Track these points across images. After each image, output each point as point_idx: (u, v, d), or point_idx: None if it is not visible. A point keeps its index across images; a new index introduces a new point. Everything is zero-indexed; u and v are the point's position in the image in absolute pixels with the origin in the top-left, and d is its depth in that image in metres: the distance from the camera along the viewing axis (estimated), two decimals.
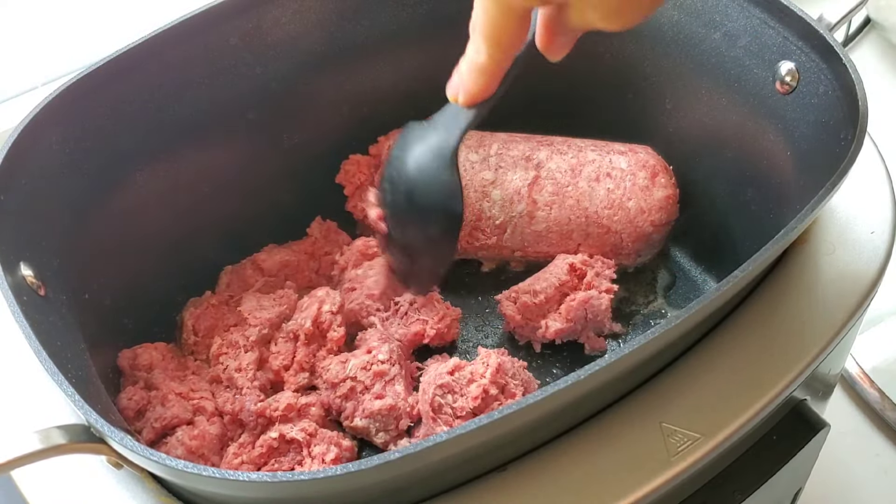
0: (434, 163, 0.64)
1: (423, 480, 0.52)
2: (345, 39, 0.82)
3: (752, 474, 0.61)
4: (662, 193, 0.78)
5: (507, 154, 0.80)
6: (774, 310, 0.61)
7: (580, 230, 0.78)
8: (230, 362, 0.71)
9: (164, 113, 0.73)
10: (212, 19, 0.73)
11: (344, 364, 0.70)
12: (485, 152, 0.81)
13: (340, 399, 0.70)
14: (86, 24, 1.02)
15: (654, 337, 0.51)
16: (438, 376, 0.68)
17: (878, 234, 0.66)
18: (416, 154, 0.65)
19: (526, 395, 0.61)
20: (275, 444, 0.67)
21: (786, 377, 0.58)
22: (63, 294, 0.62)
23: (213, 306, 0.76)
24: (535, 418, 0.50)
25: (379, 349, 0.71)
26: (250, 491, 0.50)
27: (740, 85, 0.74)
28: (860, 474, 0.98)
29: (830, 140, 0.63)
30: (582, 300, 0.74)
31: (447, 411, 0.67)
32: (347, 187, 0.85)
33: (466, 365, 0.69)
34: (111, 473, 0.55)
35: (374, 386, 0.69)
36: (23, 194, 0.62)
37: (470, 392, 0.67)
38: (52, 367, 0.51)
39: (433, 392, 0.67)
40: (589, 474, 0.53)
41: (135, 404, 0.67)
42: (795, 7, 0.68)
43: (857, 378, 1.01)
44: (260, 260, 0.80)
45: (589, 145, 0.81)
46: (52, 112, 0.65)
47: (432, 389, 0.68)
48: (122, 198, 0.72)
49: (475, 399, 0.66)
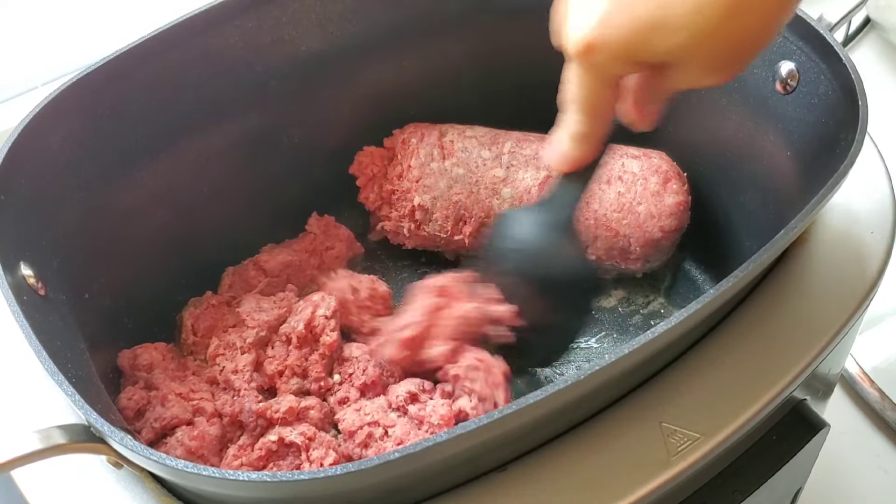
0: (564, 250, 0.66)
1: (423, 480, 0.52)
2: (345, 39, 0.82)
3: (752, 474, 0.61)
4: (673, 199, 0.77)
5: (520, 153, 0.80)
6: (774, 310, 0.61)
7: (588, 232, 0.78)
8: (227, 364, 0.71)
9: (164, 113, 0.73)
10: (212, 19, 0.73)
11: (359, 411, 0.70)
12: (497, 150, 0.81)
13: (360, 448, 0.68)
14: (86, 24, 1.02)
15: (654, 337, 0.51)
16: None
17: (878, 234, 0.66)
18: (541, 235, 0.66)
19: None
20: (273, 448, 0.66)
21: (786, 377, 0.58)
22: (63, 294, 0.62)
23: (213, 306, 0.76)
24: (535, 418, 0.50)
25: (396, 390, 0.70)
26: (250, 491, 0.50)
27: (740, 85, 0.74)
28: (860, 474, 0.98)
29: (830, 140, 0.63)
30: (457, 315, 0.71)
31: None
32: (360, 178, 0.85)
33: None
34: (111, 473, 0.55)
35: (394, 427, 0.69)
36: (23, 194, 0.62)
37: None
38: (52, 367, 0.51)
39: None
40: (589, 474, 0.53)
41: (134, 404, 0.67)
42: None
43: (857, 378, 1.01)
44: (262, 261, 0.80)
45: None
46: (52, 112, 0.65)
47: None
48: (123, 198, 0.72)
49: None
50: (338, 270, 0.81)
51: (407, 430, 0.68)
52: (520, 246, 0.67)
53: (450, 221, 0.81)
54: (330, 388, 0.72)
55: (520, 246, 0.67)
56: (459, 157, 0.81)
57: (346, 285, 0.78)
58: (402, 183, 0.83)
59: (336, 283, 0.78)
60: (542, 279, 0.67)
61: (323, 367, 0.72)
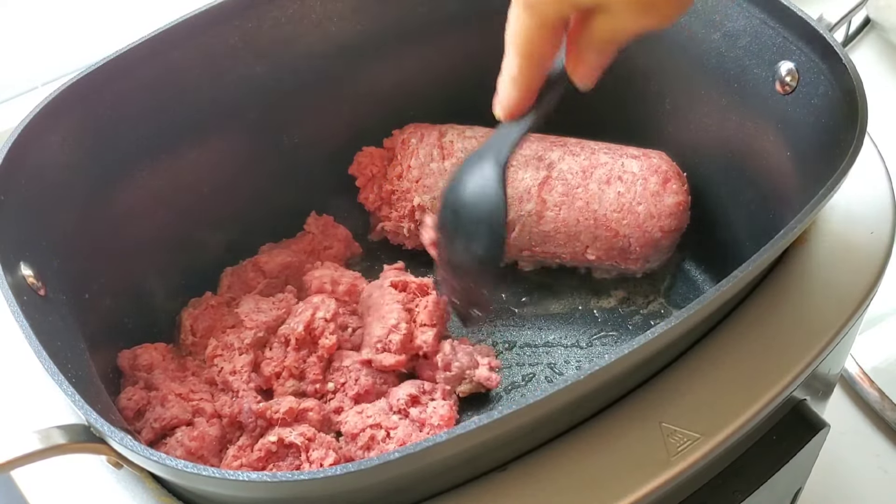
0: (482, 178, 0.64)
1: (423, 480, 0.52)
2: (345, 39, 0.82)
3: (752, 474, 0.61)
4: (673, 200, 0.77)
5: (520, 153, 0.80)
6: (774, 310, 0.61)
7: (588, 232, 0.78)
8: (225, 365, 0.71)
9: (164, 113, 0.73)
10: (212, 19, 0.73)
11: (361, 413, 0.70)
12: None
13: (362, 451, 0.68)
14: (86, 24, 1.02)
15: (654, 337, 0.51)
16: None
17: (878, 234, 0.66)
18: (469, 173, 0.65)
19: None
20: (273, 449, 0.66)
21: (786, 377, 0.58)
22: (63, 294, 0.62)
23: (213, 307, 0.76)
24: (535, 418, 0.50)
25: (396, 393, 0.71)
26: (250, 491, 0.50)
27: (740, 85, 0.74)
28: (860, 474, 0.98)
29: (830, 140, 0.63)
30: (433, 301, 0.75)
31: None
32: (360, 178, 0.85)
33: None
34: (111, 473, 0.55)
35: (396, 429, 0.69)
36: (23, 194, 0.62)
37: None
38: (52, 367, 0.51)
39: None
40: (589, 474, 0.53)
41: (134, 404, 0.67)
42: (795, 7, 0.68)
43: (857, 378, 1.01)
44: (262, 262, 0.80)
45: (602, 148, 0.81)
46: (52, 112, 0.65)
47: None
48: (123, 198, 0.72)
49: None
50: (325, 262, 0.81)
51: (409, 433, 0.68)
52: (459, 190, 0.66)
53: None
54: (325, 393, 0.72)
55: (459, 190, 0.66)
56: (459, 157, 0.81)
57: (328, 276, 0.78)
58: (401, 183, 0.82)
59: (318, 272, 0.78)
60: (464, 221, 0.66)
61: (321, 370, 0.72)
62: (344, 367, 0.73)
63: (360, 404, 0.71)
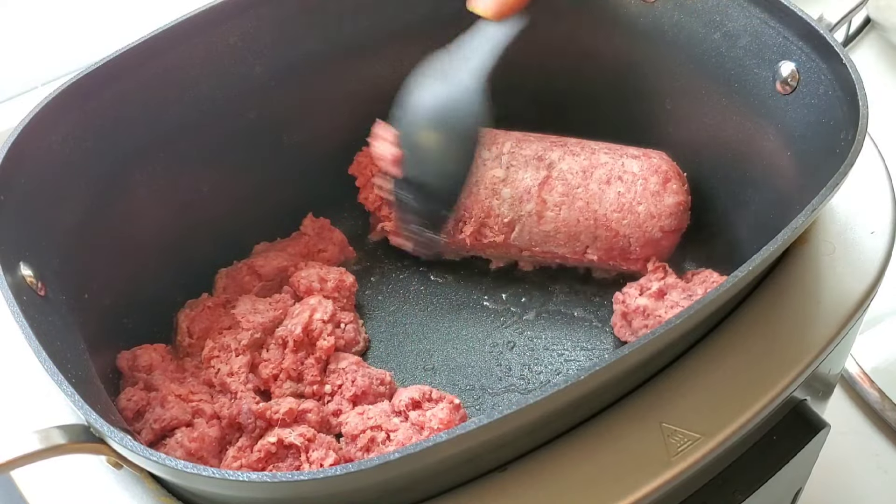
0: (458, 89, 0.59)
1: (423, 480, 0.52)
2: (345, 39, 0.82)
3: (752, 474, 0.61)
4: (673, 200, 0.77)
5: (520, 153, 0.80)
6: (775, 310, 0.61)
7: (588, 232, 0.78)
8: (221, 366, 0.71)
9: (164, 113, 0.73)
10: (212, 19, 0.74)
11: (362, 415, 0.70)
12: (497, 150, 0.81)
13: (362, 452, 0.68)
14: (86, 24, 1.02)
15: (655, 337, 0.51)
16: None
17: (878, 234, 0.66)
18: (441, 80, 0.60)
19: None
20: (273, 449, 0.66)
21: (786, 377, 0.58)
22: (63, 294, 0.62)
23: (209, 308, 0.76)
24: (535, 418, 0.50)
25: (400, 395, 0.71)
26: (250, 491, 0.50)
27: (740, 85, 0.74)
28: (860, 474, 0.98)
29: (830, 140, 0.63)
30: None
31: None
32: (359, 179, 0.85)
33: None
34: (111, 473, 0.55)
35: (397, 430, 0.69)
36: (23, 194, 0.62)
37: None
38: (52, 367, 0.51)
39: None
40: (589, 474, 0.53)
41: (134, 405, 0.67)
42: (795, 7, 0.68)
43: (857, 378, 1.01)
44: (257, 266, 0.80)
45: (602, 148, 0.81)
46: (52, 112, 0.65)
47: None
48: (122, 198, 0.72)
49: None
50: (309, 262, 0.81)
51: (409, 435, 0.68)
52: (433, 94, 0.62)
53: (450, 222, 0.81)
54: (322, 395, 0.72)
55: (433, 94, 0.62)
56: None
57: (315, 275, 0.78)
58: None
59: (304, 272, 0.78)
60: (444, 123, 0.62)
61: (318, 372, 0.72)
62: (340, 369, 0.73)
63: (360, 405, 0.71)
